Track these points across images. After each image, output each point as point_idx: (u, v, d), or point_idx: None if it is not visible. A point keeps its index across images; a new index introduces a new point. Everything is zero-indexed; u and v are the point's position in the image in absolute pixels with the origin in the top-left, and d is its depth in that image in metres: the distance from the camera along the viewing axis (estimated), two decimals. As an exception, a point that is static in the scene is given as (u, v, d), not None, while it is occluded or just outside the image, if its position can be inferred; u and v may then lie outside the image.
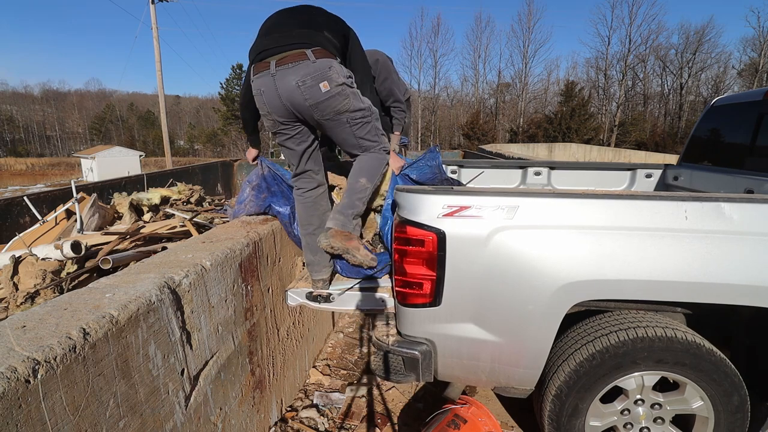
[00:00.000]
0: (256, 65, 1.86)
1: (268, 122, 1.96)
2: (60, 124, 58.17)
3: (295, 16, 1.95)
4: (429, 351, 1.73)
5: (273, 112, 1.89)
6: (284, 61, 1.79)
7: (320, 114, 1.86)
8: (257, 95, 1.89)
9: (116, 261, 2.30)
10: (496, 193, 1.60)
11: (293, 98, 1.82)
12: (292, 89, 1.80)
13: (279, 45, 1.82)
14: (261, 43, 1.89)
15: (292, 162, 2.09)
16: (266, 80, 1.82)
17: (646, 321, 1.67)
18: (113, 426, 1.03)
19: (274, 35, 1.88)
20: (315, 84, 1.79)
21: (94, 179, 14.79)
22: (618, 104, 37.86)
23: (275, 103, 1.86)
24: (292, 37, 1.83)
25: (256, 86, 1.87)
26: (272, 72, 1.80)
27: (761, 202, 1.50)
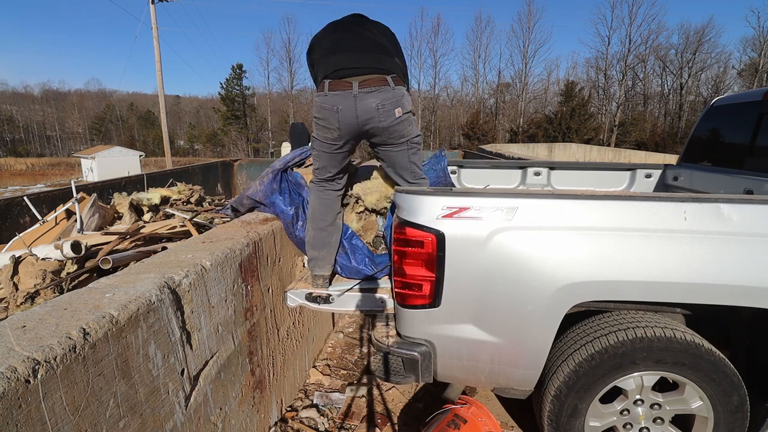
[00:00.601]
0: (335, 82, 1.91)
1: (329, 134, 1.99)
2: (60, 124, 58.15)
3: (364, 35, 2.03)
4: (428, 352, 1.73)
5: (342, 129, 1.95)
6: (367, 84, 1.89)
7: (387, 136, 1.99)
8: (331, 111, 1.92)
9: (116, 261, 2.30)
10: (495, 194, 1.60)
11: (369, 119, 1.92)
12: (372, 111, 1.90)
13: (360, 67, 1.92)
14: (337, 60, 1.94)
15: (328, 169, 2.12)
16: (347, 100, 1.89)
17: (645, 321, 1.67)
18: (113, 426, 1.04)
19: (351, 55, 1.95)
20: (392, 108, 1.93)
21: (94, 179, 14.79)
22: (618, 104, 37.86)
23: (350, 122, 1.92)
24: (372, 60, 1.95)
25: (332, 102, 1.91)
26: (354, 93, 1.88)
27: (760, 203, 1.50)
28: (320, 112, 1.97)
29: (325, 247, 2.17)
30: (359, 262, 2.22)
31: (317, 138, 2.05)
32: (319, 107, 1.97)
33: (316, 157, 2.12)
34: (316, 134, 2.05)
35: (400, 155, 2.08)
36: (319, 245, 2.17)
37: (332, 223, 2.20)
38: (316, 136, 2.05)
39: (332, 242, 2.20)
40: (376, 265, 2.22)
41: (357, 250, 2.25)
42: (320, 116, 1.97)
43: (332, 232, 2.20)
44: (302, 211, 2.34)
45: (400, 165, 2.12)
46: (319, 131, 2.02)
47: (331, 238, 2.19)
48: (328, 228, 2.18)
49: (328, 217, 2.19)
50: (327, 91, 1.92)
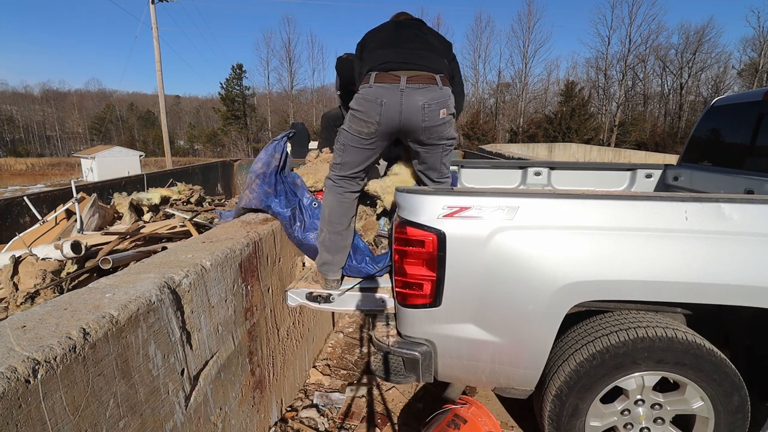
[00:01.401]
0: (382, 74, 1.85)
1: (366, 128, 1.91)
2: (60, 124, 58.15)
3: (418, 35, 2.01)
4: (429, 351, 1.73)
5: (381, 124, 1.88)
6: (415, 80, 1.84)
7: (427, 136, 1.94)
8: (374, 103, 1.85)
9: (116, 261, 2.30)
10: (496, 193, 1.60)
11: (412, 116, 1.86)
12: (416, 109, 1.85)
13: (409, 62, 1.87)
14: (386, 53, 1.90)
15: (352, 165, 2.04)
16: (393, 93, 1.83)
17: (646, 321, 1.67)
18: (113, 426, 1.03)
19: (402, 50, 1.91)
20: (437, 109, 1.88)
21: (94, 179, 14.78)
22: (618, 104, 37.86)
23: (392, 116, 1.86)
24: (422, 58, 1.90)
25: (376, 94, 1.85)
26: (401, 87, 1.82)
27: (761, 203, 1.50)
28: (361, 103, 1.88)
29: (340, 252, 2.11)
30: (359, 261, 2.21)
31: (348, 131, 1.96)
32: (360, 98, 1.89)
33: (341, 151, 2.02)
34: (348, 127, 1.96)
35: (434, 156, 2.05)
36: (333, 249, 2.10)
37: (348, 227, 2.13)
38: (347, 128, 1.96)
39: (346, 246, 2.14)
40: (376, 264, 2.21)
41: (358, 249, 2.24)
42: (360, 108, 1.89)
43: (347, 235, 2.14)
44: (299, 212, 2.29)
45: (431, 165, 2.10)
46: (353, 124, 1.93)
47: (346, 241, 2.13)
48: (344, 232, 2.11)
49: (345, 221, 2.12)
50: (372, 82, 1.85)
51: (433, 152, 2.03)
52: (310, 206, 2.31)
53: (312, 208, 2.31)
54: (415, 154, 2.10)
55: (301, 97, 45.45)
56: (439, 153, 2.04)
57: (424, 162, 2.10)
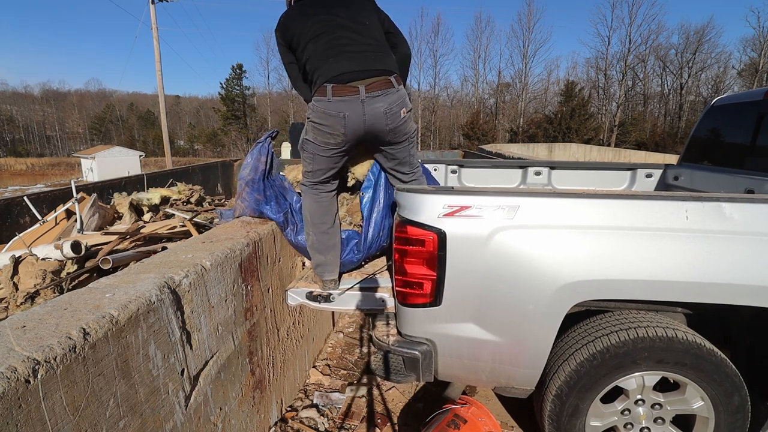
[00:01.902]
0: (339, 87, 1.83)
1: (332, 140, 1.91)
2: (60, 124, 58.14)
3: (357, 29, 1.93)
4: (429, 351, 1.73)
5: (347, 135, 1.89)
6: (372, 87, 1.84)
7: (393, 136, 1.97)
8: (336, 117, 1.84)
9: (116, 261, 2.30)
10: (496, 192, 1.59)
11: (376, 123, 1.88)
12: (379, 116, 1.87)
13: (364, 69, 1.85)
14: (338, 65, 1.84)
15: (324, 172, 2.05)
16: (354, 105, 1.83)
17: (646, 321, 1.67)
18: (113, 426, 1.03)
19: (353, 57, 1.86)
20: (398, 110, 1.91)
21: (94, 179, 14.78)
22: (618, 104, 37.87)
23: (357, 127, 1.87)
24: (375, 61, 1.89)
25: (337, 109, 1.83)
26: (362, 98, 1.83)
27: (762, 202, 1.50)
28: (323, 118, 1.87)
29: (331, 250, 2.12)
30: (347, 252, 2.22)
31: (314, 142, 1.95)
32: (321, 113, 1.86)
33: (310, 161, 2.03)
34: (314, 139, 1.94)
35: (402, 151, 2.10)
36: (324, 249, 2.12)
37: (333, 225, 2.15)
38: (313, 140, 1.95)
39: (336, 243, 2.16)
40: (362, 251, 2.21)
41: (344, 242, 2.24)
42: (323, 122, 1.88)
43: (334, 233, 2.15)
44: (291, 215, 2.28)
45: (402, 160, 2.13)
46: (318, 136, 1.93)
47: (334, 239, 2.15)
48: (330, 230, 2.13)
49: (328, 219, 2.13)
50: (331, 96, 1.83)
51: (400, 148, 2.08)
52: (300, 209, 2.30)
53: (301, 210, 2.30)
54: (383, 153, 2.12)
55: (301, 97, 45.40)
56: (406, 147, 2.09)
57: (394, 158, 2.13)
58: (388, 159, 2.15)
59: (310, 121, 1.93)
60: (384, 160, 2.18)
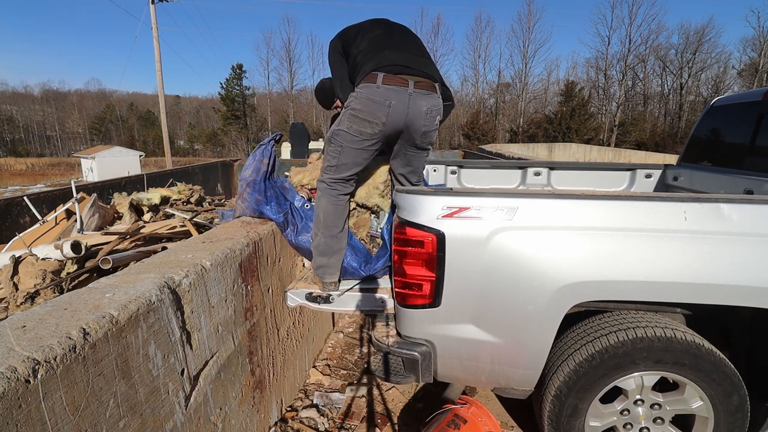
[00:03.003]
0: (390, 76, 1.85)
1: (369, 129, 1.90)
2: (60, 124, 58.12)
3: (416, 41, 2.08)
4: (429, 352, 1.73)
5: (387, 124, 1.89)
6: (420, 85, 1.89)
7: (422, 140, 2.02)
8: (381, 104, 1.85)
9: (116, 261, 2.30)
10: (495, 193, 1.60)
11: (415, 120, 1.91)
12: (420, 113, 1.91)
13: (416, 68, 1.91)
14: (393, 56, 1.90)
15: (349, 167, 2.02)
16: (401, 96, 1.86)
17: (645, 321, 1.67)
18: (113, 426, 1.04)
19: (407, 55, 1.94)
20: (435, 115, 1.98)
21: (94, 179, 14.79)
22: (618, 104, 37.87)
23: (398, 119, 1.89)
24: (425, 65, 1.97)
25: (385, 95, 1.84)
26: (410, 91, 1.87)
27: (761, 203, 1.50)
28: (366, 104, 1.86)
29: (335, 254, 2.11)
30: (357, 262, 2.21)
31: (348, 132, 1.92)
32: (365, 99, 1.86)
33: (336, 153, 1.99)
34: (348, 128, 1.92)
35: (420, 159, 2.15)
36: (329, 252, 2.09)
37: (342, 229, 2.13)
38: (347, 129, 1.92)
39: (342, 248, 2.14)
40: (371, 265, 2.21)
41: (358, 251, 2.23)
42: (365, 108, 1.86)
43: (342, 237, 2.13)
44: (291, 216, 2.27)
45: (415, 168, 2.18)
46: (354, 125, 1.90)
47: (341, 243, 2.13)
48: (339, 234, 2.11)
49: (340, 223, 2.11)
50: (380, 83, 1.84)
51: (420, 156, 2.13)
52: (302, 208, 2.29)
53: (304, 210, 2.29)
54: (403, 157, 2.13)
55: (301, 97, 45.44)
56: (424, 156, 2.16)
57: (409, 165, 2.16)
58: (405, 164, 2.16)
59: (349, 108, 1.92)
60: (399, 165, 2.19)
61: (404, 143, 2.05)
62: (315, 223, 2.15)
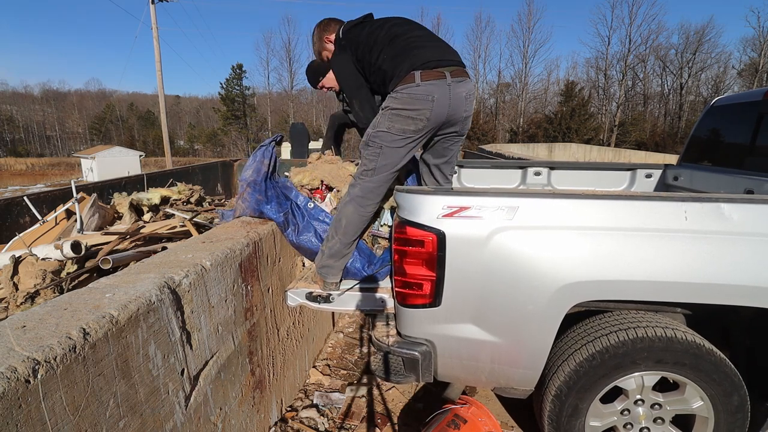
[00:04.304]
0: (427, 72, 1.87)
1: (413, 126, 1.89)
2: (60, 124, 58.11)
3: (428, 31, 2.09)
4: (429, 351, 1.73)
5: (431, 119, 1.90)
6: (456, 74, 1.92)
7: (462, 127, 2.06)
8: (425, 100, 1.86)
9: (116, 261, 2.30)
10: (496, 193, 1.60)
11: (457, 108, 1.95)
12: (461, 100, 1.94)
13: (449, 58, 1.95)
14: (425, 53, 1.92)
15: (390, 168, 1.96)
16: (442, 88, 1.88)
17: (646, 321, 1.67)
18: (113, 426, 1.03)
19: (438, 48, 1.96)
20: (472, 99, 2.02)
21: (94, 179, 14.78)
22: (618, 104, 37.87)
23: (441, 111, 1.91)
24: (453, 53, 2.01)
25: (426, 91, 1.86)
26: (449, 82, 1.89)
27: (761, 203, 1.50)
28: (409, 103, 1.87)
29: (343, 258, 2.10)
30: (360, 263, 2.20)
31: (388, 132, 1.90)
32: (407, 98, 1.87)
33: (374, 156, 1.94)
34: (388, 128, 1.90)
35: (457, 148, 2.21)
36: (338, 256, 2.08)
37: (358, 240, 2.13)
38: (388, 129, 1.90)
39: (351, 252, 2.13)
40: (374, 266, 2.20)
41: (361, 252, 2.23)
42: (407, 107, 1.87)
43: (354, 245, 2.12)
44: (292, 215, 2.26)
45: (450, 159, 2.24)
46: (396, 124, 1.89)
47: (351, 249, 2.12)
48: (354, 242, 2.10)
49: (359, 233, 2.09)
50: (420, 81, 1.86)
51: (458, 143, 2.19)
52: (305, 207, 2.28)
53: (307, 209, 2.28)
54: (440, 148, 2.19)
55: (301, 97, 45.48)
56: (460, 144, 2.20)
57: (445, 155, 2.22)
58: (441, 155, 2.22)
59: (389, 109, 1.91)
60: (433, 157, 2.24)
61: (445, 133, 2.09)
62: (335, 225, 2.10)
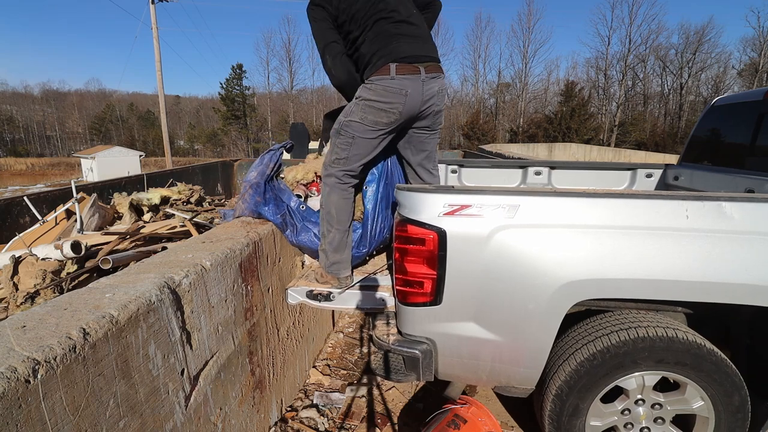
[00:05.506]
0: (403, 66, 1.90)
1: (385, 119, 1.93)
2: (60, 124, 58.08)
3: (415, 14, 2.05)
4: (429, 350, 1.73)
5: (404, 113, 1.95)
6: (430, 70, 1.96)
7: (434, 121, 2.11)
8: (398, 94, 1.90)
9: (116, 261, 2.30)
10: (497, 191, 1.59)
11: (430, 103, 2.00)
12: (434, 95, 1.99)
13: (426, 54, 1.98)
14: (401, 48, 1.92)
15: (360, 158, 2.03)
16: (416, 84, 1.92)
17: (647, 321, 1.67)
18: (113, 426, 1.03)
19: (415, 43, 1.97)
20: (444, 94, 2.08)
21: (94, 179, 14.78)
22: (618, 104, 37.86)
23: (414, 105, 1.95)
24: (432, 49, 2.04)
25: (400, 85, 1.90)
26: (423, 78, 1.93)
27: (762, 202, 1.50)
28: (382, 95, 1.90)
29: (347, 248, 2.12)
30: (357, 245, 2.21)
31: (361, 122, 1.94)
32: (381, 90, 1.89)
33: (346, 145, 2.00)
34: (361, 119, 1.94)
35: (434, 142, 2.24)
36: (342, 247, 2.09)
37: (351, 222, 2.14)
38: (360, 120, 1.94)
39: (351, 240, 2.15)
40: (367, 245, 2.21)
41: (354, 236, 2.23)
42: (381, 99, 1.90)
43: (351, 230, 2.15)
44: (289, 217, 2.27)
45: (430, 153, 2.26)
46: (369, 115, 1.93)
47: (351, 236, 2.15)
48: (350, 227, 2.13)
49: (350, 216, 2.12)
50: (395, 74, 1.89)
51: (433, 138, 2.22)
52: (298, 209, 2.28)
53: (300, 211, 2.29)
54: (417, 143, 2.21)
55: (301, 97, 45.49)
56: (436, 139, 2.24)
57: (424, 149, 2.23)
58: (419, 151, 2.24)
59: (362, 99, 1.94)
60: (413, 155, 2.26)
61: (418, 127, 2.12)
62: (326, 220, 2.10)
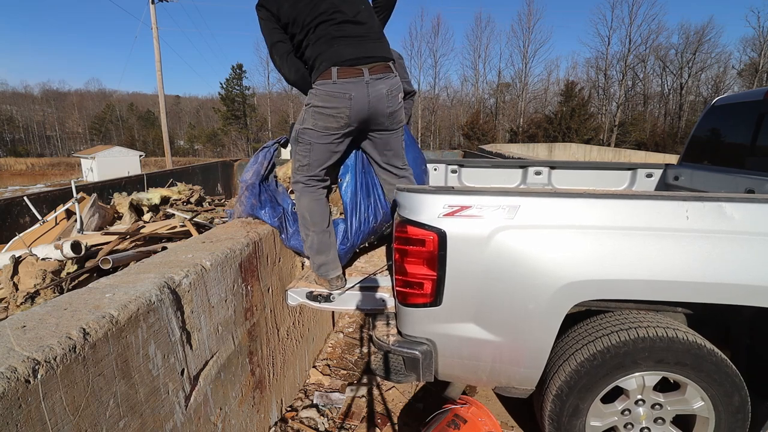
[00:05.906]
0: (345, 69, 1.87)
1: (334, 123, 1.93)
2: (60, 124, 58.09)
3: (357, 15, 1.94)
4: (429, 351, 1.73)
5: (351, 117, 1.92)
6: (375, 70, 1.91)
7: (390, 122, 2.04)
8: (342, 98, 1.88)
9: (116, 261, 2.30)
10: (497, 192, 1.59)
11: (378, 105, 1.94)
12: (382, 97, 1.93)
13: (369, 55, 1.92)
14: (343, 51, 1.88)
15: (321, 163, 2.04)
16: (359, 87, 1.88)
17: (647, 321, 1.67)
18: (113, 426, 1.03)
19: (358, 44, 1.92)
20: (397, 94, 2.00)
21: (94, 179, 14.79)
22: (618, 104, 37.85)
23: (361, 108, 1.91)
24: (376, 48, 1.96)
25: (344, 90, 1.87)
26: (366, 80, 1.89)
27: (762, 202, 1.50)
28: (327, 100, 1.89)
29: (331, 248, 2.12)
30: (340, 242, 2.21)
31: (314, 129, 1.94)
32: (325, 95, 1.88)
33: (305, 152, 2.01)
34: (313, 125, 1.94)
35: (396, 140, 2.16)
36: (325, 249, 2.10)
37: (330, 222, 2.15)
38: (312, 126, 1.94)
39: (334, 240, 2.15)
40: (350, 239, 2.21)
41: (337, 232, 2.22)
42: (326, 105, 1.89)
43: (331, 231, 2.15)
44: (285, 220, 2.27)
45: (395, 152, 2.19)
46: (319, 121, 1.92)
47: (332, 237, 2.14)
48: (328, 228, 2.12)
49: (326, 218, 2.12)
50: (336, 78, 1.87)
51: (395, 136, 2.14)
52: (292, 212, 2.28)
53: (294, 214, 2.28)
54: (379, 143, 2.15)
55: (301, 97, 45.24)
56: (399, 136, 2.17)
57: (389, 148, 2.17)
58: (383, 151, 2.17)
59: (311, 106, 1.93)
60: (378, 155, 2.20)
61: (375, 129, 2.07)
62: (302, 224, 2.14)
